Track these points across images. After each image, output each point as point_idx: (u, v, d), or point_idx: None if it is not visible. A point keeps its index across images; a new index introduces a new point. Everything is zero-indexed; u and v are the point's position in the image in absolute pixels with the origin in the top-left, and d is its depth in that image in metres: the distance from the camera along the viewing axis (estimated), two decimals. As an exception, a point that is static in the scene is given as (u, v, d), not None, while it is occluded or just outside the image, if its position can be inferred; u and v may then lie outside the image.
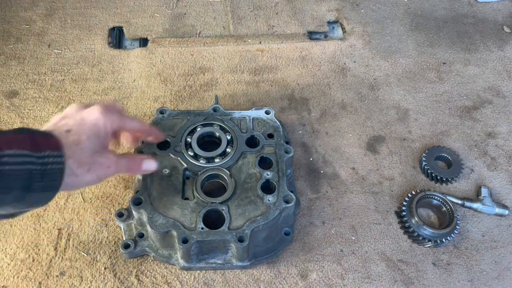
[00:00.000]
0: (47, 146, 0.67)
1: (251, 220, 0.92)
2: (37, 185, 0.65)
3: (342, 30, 1.50)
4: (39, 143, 0.66)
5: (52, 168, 0.67)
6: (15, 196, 0.63)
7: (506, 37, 1.49)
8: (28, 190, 0.64)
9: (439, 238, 1.02)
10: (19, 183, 0.62)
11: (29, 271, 0.97)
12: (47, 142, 0.68)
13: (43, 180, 0.65)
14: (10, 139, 0.63)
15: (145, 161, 0.87)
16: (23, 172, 0.62)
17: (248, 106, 1.26)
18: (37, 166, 0.64)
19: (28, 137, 0.66)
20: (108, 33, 1.44)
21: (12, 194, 0.63)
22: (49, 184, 0.67)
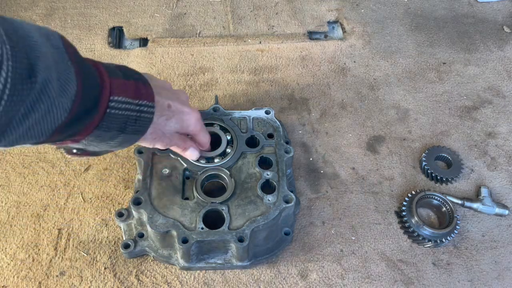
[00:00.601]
0: (145, 96, 0.74)
1: (251, 220, 0.92)
2: (130, 128, 0.73)
3: (342, 30, 1.50)
4: (141, 92, 0.74)
5: (144, 116, 0.75)
6: (112, 136, 0.71)
7: (506, 37, 1.49)
8: (122, 131, 0.72)
9: (439, 238, 1.02)
10: (118, 124, 0.71)
11: (29, 271, 0.97)
12: (146, 92, 0.75)
13: (135, 124, 0.74)
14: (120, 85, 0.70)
15: (191, 149, 0.94)
16: (123, 116, 0.71)
17: (248, 106, 1.26)
18: (134, 112, 0.72)
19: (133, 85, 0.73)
20: (108, 33, 1.44)
21: (110, 133, 0.71)
22: (139, 128, 0.76)
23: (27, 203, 1.07)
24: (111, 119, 0.69)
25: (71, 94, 0.60)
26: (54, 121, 0.59)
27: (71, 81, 0.60)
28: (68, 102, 0.60)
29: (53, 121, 0.59)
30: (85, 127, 0.66)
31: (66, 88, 0.59)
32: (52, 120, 0.59)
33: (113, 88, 0.68)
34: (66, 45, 0.63)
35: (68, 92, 0.60)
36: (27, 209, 1.06)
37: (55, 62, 0.58)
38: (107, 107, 0.67)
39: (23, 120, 0.55)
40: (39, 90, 0.55)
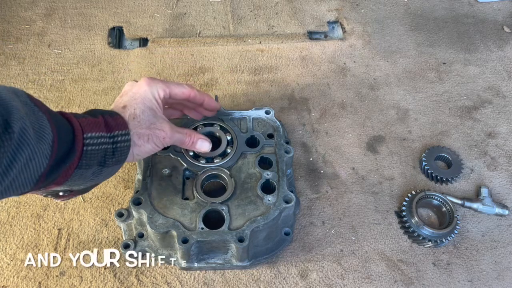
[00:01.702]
0: (116, 127, 0.76)
1: (251, 220, 0.92)
2: (110, 161, 0.75)
3: (342, 30, 1.50)
4: (110, 124, 0.75)
5: (121, 146, 0.77)
6: (94, 171, 0.73)
7: (506, 37, 1.49)
8: (103, 165, 0.74)
9: (439, 238, 1.02)
10: (97, 160, 0.73)
11: (29, 271, 0.97)
12: (115, 122, 0.77)
13: (114, 156, 0.75)
14: (90, 123, 0.72)
15: (200, 141, 0.93)
16: (100, 151, 0.73)
17: (248, 106, 1.26)
18: (109, 145, 0.74)
19: (102, 120, 0.75)
20: (108, 33, 1.44)
21: (92, 170, 0.73)
22: (119, 158, 0.77)
23: (27, 203, 1.07)
24: (89, 156, 0.71)
25: (48, 140, 0.63)
26: (37, 168, 0.62)
27: (46, 128, 0.63)
28: (47, 148, 0.63)
29: (36, 168, 0.62)
30: (66, 169, 0.68)
31: (43, 135, 0.62)
32: (34, 168, 0.61)
33: (84, 127, 0.71)
34: (32, 99, 0.65)
35: (45, 138, 0.62)
36: (27, 209, 1.06)
37: (26, 113, 0.61)
38: (83, 145, 0.70)
39: (6, 171, 0.57)
40: (17, 140, 0.57)
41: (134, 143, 0.80)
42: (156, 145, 0.84)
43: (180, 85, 0.91)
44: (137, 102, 0.82)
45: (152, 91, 0.85)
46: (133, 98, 0.83)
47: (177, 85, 0.91)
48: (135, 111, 0.81)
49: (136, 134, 0.80)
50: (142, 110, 0.82)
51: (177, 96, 0.91)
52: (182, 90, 0.91)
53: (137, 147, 0.81)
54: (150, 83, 0.86)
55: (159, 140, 0.84)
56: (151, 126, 0.83)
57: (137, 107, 0.82)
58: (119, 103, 0.83)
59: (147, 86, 0.85)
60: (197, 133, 0.94)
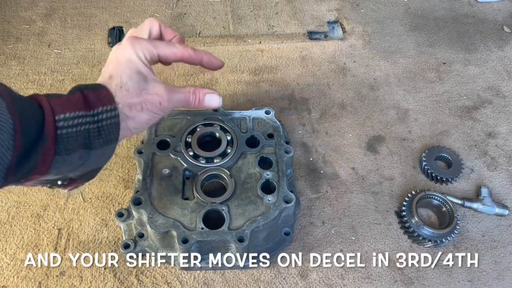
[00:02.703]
0: (99, 102, 0.67)
1: (251, 220, 0.92)
2: (97, 142, 0.66)
3: (342, 30, 1.50)
4: (90, 100, 0.66)
5: (108, 123, 0.67)
6: (80, 155, 0.65)
7: (506, 37, 1.49)
8: (89, 147, 0.66)
9: (439, 238, 1.02)
10: (79, 143, 0.64)
11: (29, 271, 0.97)
12: (98, 97, 0.67)
13: (100, 136, 0.66)
14: (63, 102, 0.64)
15: (208, 95, 0.80)
16: (81, 132, 0.64)
17: (248, 106, 1.26)
18: (92, 125, 0.65)
19: (80, 97, 0.65)
20: (108, 33, 1.44)
21: (76, 154, 0.64)
22: (108, 138, 0.68)
23: (27, 203, 1.07)
24: (66, 140, 0.63)
25: (7, 129, 0.56)
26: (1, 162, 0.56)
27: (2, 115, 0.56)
28: (8, 138, 0.56)
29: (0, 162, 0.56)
30: (41, 157, 0.61)
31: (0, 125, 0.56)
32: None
33: (55, 107, 0.63)
34: None
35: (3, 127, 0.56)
36: (27, 209, 1.06)
37: None
38: (56, 128, 0.62)
39: None
40: None
41: (125, 116, 0.70)
42: (153, 113, 0.74)
43: (171, 45, 0.78)
44: (122, 69, 0.72)
45: (136, 52, 0.73)
46: (118, 65, 0.72)
47: (167, 45, 0.77)
48: (122, 79, 0.71)
49: (127, 105, 0.70)
50: (129, 76, 0.71)
51: (168, 58, 0.78)
52: (173, 50, 0.77)
53: (130, 120, 0.71)
54: (134, 43, 0.73)
55: (154, 106, 0.73)
56: (143, 92, 0.72)
57: (123, 74, 0.71)
58: (105, 73, 0.73)
59: (130, 47, 0.73)
60: (203, 88, 0.80)
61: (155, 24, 0.80)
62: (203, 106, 0.80)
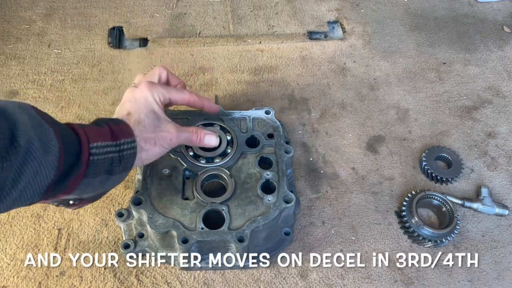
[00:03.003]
0: (122, 135, 0.77)
1: (251, 220, 0.92)
2: (117, 169, 0.76)
3: (342, 30, 1.50)
4: (115, 132, 0.76)
5: (128, 153, 0.77)
6: (101, 180, 0.74)
7: (506, 37, 1.49)
8: (110, 173, 0.75)
9: (439, 238, 1.02)
10: (104, 169, 0.73)
11: (29, 271, 0.97)
12: (121, 130, 0.77)
13: (121, 164, 0.76)
14: (96, 132, 0.73)
15: (207, 136, 0.94)
16: (107, 160, 0.73)
17: (248, 106, 1.26)
18: (115, 154, 0.75)
19: (108, 129, 0.75)
20: (108, 33, 1.44)
21: (99, 178, 0.73)
22: (126, 166, 0.78)
23: (27, 203, 1.06)
24: (96, 165, 0.71)
25: (55, 151, 0.64)
26: (44, 180, 0.63)
27: (52, 140, 0.64)
28: (54, 160, 0.64)
29: (43, 180, 0.63)
30: (73, 179, 0.69)
31: (49, 147, 0.63)
32: (42, 180, 0.63)
33: (90, 136, 0.71)
34: (39, 112, 0.67)
35: (52, 150, 0.63)
36: (27, 209, 1.06)
37: (32, 126, 0.62)
38: (89, 154, 0.70)
39: (14, 184, 0.59)
40: (24, 153, 0.59)
41: (141, 148, 0.81)
42: (163, 147, 0.85)
43: (180, 91, 0.93)
44: (140, 107, 0.84)
45: (153, 95, 0.86)
46: (135, 104, 0.84)
47: (177, 91, 0.92)
48: (140, 116, 0.82)
49: (143, 139, 0.81)
50: (146, 114, 0.83)
51: (177, 102, 0.92)
52: (182, 96, 0.92)
53: (145, 152, 0.82)
54: (151, 87, 0.86)
55: (166, 142, 0.85)
56: (157, 129, 0.84)
57: (141, 112, 0.83)
58: (123, 110, 0.84)
59: (148, 90, 0.86)
60: (203, 129, 0.94)
61: (164, 72, 0.95)
62: (203, 144, 0.94)
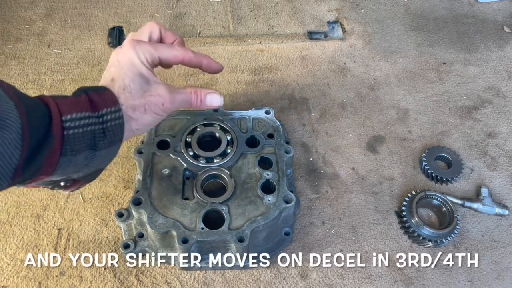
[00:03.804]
0: (104, 103, 0.68)
1: (251, 220, 0.92)
2: (102, 143, 0.67)
3: (342, 30, 1.50)
4: (95, 102, 0.67)
5: (113, 124, 0.68)
6: (86, 156, 0.66)
7: (506, 37, 1.49)
8: (95, 148, 0.67)
9: (439, 238, 1.02)
10: (85, 144, 0.65)
11: (29, 271, 0.97)
12: (102, 98, 0.68)
13: (106, 137, 0.67)
14: (69, 103, 0.65)
15: (209, 95, 0.82)
16: (87, 133, 0.65)
17: (248, 106, 1.26)
18: (97, 125, 0.66)
19: (86, 98, 0.66)
20: (108, 33, 1.44)
21: (82, 155, 0.65)
22: (113, 139, 0.69)
23: (27, 203, 1.07)
24: (73, 141, 0.64)
25: (15, 127, 0.56)
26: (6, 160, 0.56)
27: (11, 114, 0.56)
28: (15, 137, 0.56)
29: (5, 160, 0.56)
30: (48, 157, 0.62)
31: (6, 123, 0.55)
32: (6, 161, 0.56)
33: (62, 108, 0.63)
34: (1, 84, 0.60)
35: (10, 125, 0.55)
36: (27, 209, 1.06)
37: None
38: (63, 128, 0.62)
39: None
40: None
41: (129, 118, 0.72)
42: (156, 114, 0.76)
43: (171, 48, 0.79)
44: (124, 71, 0.73)
45: (138, 54, 0.74)
46: (119, 68, 0.73)
47: (168, 48, 0.79)
48: (124, 81, 0.72)
49: (130, 107, 0.72)
50: (132, 78, 0.72)
51: (168, 61, 0.79)
52: (174, 53, 0.79)
53: (134, 121, 0.73)
54: (135, 45, 0.75)
55: (157, 107, 0.75)
56: (146, 94, 0.74)
57: (126, 76, 0.72)
58: (107, 76, 0.74)
59: (132, 50, 0.74)
60: (203, 89, 0.83)
61: (155, 27, 0.82)
62: (205, 105, 0.82)
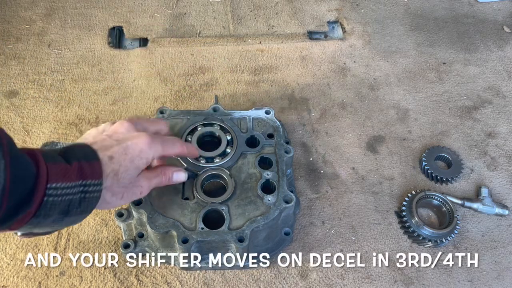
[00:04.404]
0: (90, 176, 0.69)
1: (251, 220, 0.92)
2: (74, 211, 0.68)
3: (342, 30, 1.50)
4: (84, 172, 0.68)
5: (90, 197, 0.69)
6: (54, 220, 0.67)
7: (506, 37, 1.49)
8: (66, 214, 0.67)
9: (439, 238, 1.02)
10: (59, 210, 0.66)
11: (29, 271, 0.97)
12: (92, 171, 0.70)
13: (80, 206, 0.69)
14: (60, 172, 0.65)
15: (175, 174, 0.88)
16: (64, 201, 0.66)
17: (248, 106, 1.26)
18: (77, 195, 0.67)
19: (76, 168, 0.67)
20: (108, 33, 1.44)
21: (51, 219, 0.66)
22: (85, 209, 0.70)
23: (27, 203, 1.06)
24: (49, 207, 0.64)
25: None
26: None
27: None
28: None
29: None
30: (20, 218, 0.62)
31: None
32: None
33: (51, 176, 0.64)
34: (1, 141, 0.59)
35: None
36: (27, 209, 1.06)
37: None
38: (44, 195, 0.63)
39: None
40: None
41: (104, 200, 0.73)
42: (129, 200, 0.80)
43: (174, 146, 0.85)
44: (125, 159, 0.75)
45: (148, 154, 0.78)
46: (123, 153, 0.75)
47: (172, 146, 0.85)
48: (120, 168, 0.74)
49: (110, 191, 0.74)
50: (127, 169, 0.75)
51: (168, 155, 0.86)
52: (175, 150, 0.86)
53: (105, 204, 0.75)
54: (151, 145, 0.78)
55: (134, 195, 0.80)
56: (129, 184, 0.77)
57: (123, 165, 0.74)
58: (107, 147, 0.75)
59: (146, 147, 0.78)
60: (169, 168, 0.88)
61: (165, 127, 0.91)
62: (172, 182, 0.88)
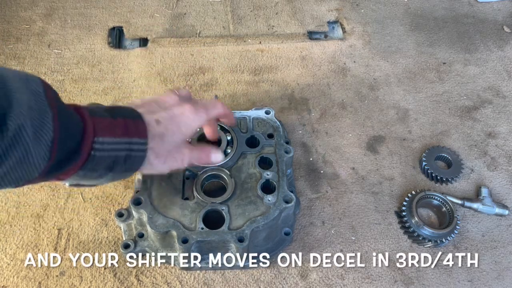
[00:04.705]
0: (136, 134, 0.71)
1: (251, 220, 0.92)
2: (119, 168, 0.70)
3: (342, 30, 1.50)
4: (129, 130, 0.70)
5: (135, 155, 0.71)
6: (100, 173, 0.69)
7: (506, 37, 1.49)
8: (110, 170, 0.70)
9: (439, 238, 1.02)
10: (105, 165, 0.68)
11: (29, 271, 0.97)
12: (136, 129, 0.72)
13: (125, 164, 0.71)
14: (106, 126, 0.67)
15: (213, 154, 0.91)
16: (111, 157, 0.68)
17: (248, 106, 1.26)
18: (123, 151, 0.69)
19: (122, 124, 0.69)
20: (108, 33, 1.44)
21: (97, 173, 0.69)
22: (130, 167, 0.72)
23: (27, 203, 1.07)
24: (96, 161, 0.66)
25: (47, 141, 0.58)
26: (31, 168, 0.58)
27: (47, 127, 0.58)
28: (45, 150, 0.58)
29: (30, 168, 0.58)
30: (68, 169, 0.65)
31: (41, 135, 0.57)
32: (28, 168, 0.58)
33: (98, 129, 0.66)
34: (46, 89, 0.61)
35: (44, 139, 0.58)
36: (27, 209, 1.06)
37: (29, 108, 0.56)
38: (91, 149, 0.65)
39: None
40: (10, 139, 0.54)
41: (149, 161, 0.75)
42: (170, 167, 0.82)
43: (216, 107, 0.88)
44: (172, 123, 0.78)
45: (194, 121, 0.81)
46: (171, 119, 0.78)
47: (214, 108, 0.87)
48: (166, 132, 0.77)
49: (156, 153, 0.76)
50: (173, 133, 0.78)
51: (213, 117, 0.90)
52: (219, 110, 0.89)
53: (149, 165, 0.76)
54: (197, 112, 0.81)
55: (176, 163, 0.82)
56: (173, 149, 0.80)
57: (169, 129, 0.77)
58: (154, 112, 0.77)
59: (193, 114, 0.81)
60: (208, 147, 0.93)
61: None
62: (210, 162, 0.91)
